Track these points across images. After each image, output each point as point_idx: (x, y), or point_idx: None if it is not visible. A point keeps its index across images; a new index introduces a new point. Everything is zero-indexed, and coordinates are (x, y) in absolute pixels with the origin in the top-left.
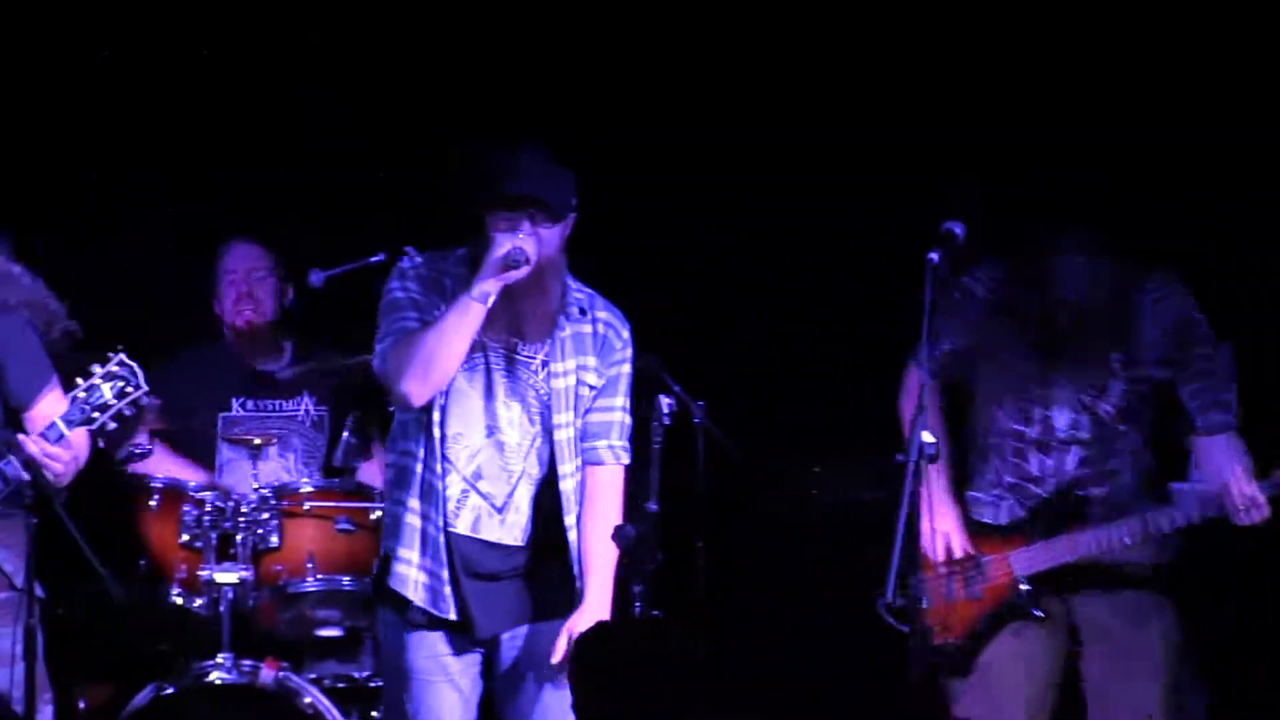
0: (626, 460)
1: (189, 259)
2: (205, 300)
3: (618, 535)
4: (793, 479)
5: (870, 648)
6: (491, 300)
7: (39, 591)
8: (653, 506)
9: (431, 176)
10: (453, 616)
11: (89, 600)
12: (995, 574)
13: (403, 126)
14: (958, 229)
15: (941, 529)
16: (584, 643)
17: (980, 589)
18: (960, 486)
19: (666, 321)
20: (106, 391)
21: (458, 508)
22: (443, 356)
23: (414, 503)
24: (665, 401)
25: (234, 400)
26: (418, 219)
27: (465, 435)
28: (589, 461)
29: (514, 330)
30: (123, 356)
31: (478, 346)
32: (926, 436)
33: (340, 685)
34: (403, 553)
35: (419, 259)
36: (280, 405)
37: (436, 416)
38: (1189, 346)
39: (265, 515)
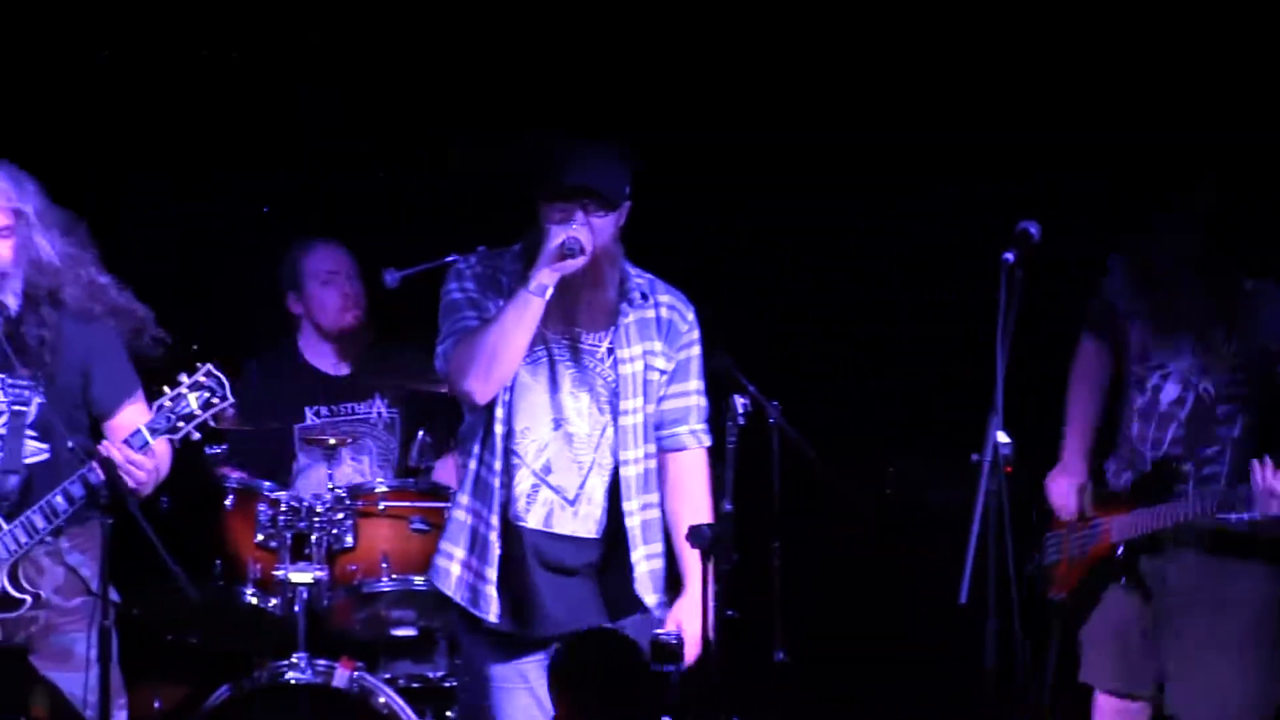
0: (708, 442)
1: (194, 259)
2: (206, 302)
3: (693, 535)
4: (867, 478)
5: (945, 646)
6: (549, 292)
7: (113, 595)
8: (728, 506)
9: (487, 175)
10: (492, 619)
11: (164, 601)
12: (1100, 537)
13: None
14: (1033, 228)
15: (1063, 489)
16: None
17: (1088, 549)
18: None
19: (740, 320)
20: (192, 401)
21: (529, 503)
22: (504, 352)
23: (464, 499)
24: (740, 401)
25: (308, 410)
26: (485, 219)
27: (532, 429)
28: (671, 449)
29: (574, 321)
30: (210, 367)
31: (539, 339)
32: (1001, 436)
33: (415, 685)
34: (446, 547)
35: (473, 259)
36: (353, 408)
37: (500, 413)
38: None
39: (340, 515)
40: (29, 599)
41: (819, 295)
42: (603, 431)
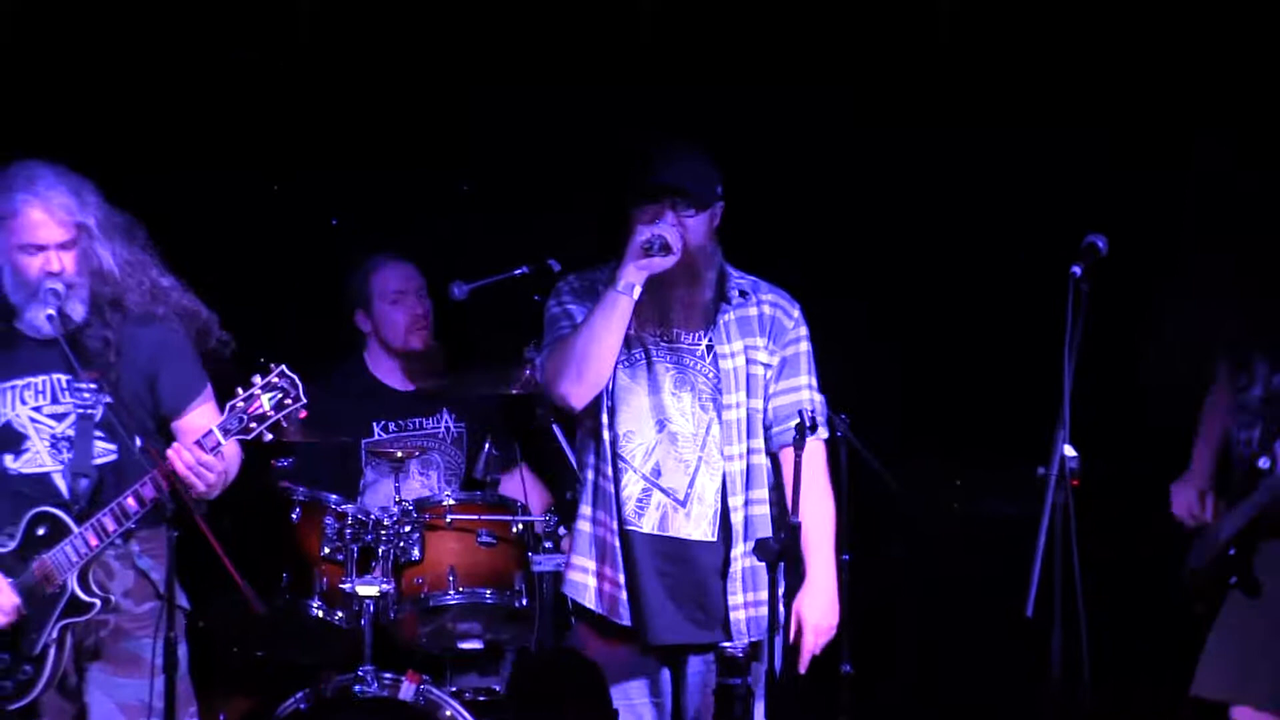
0: (824, 435)
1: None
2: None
3: (761, 549)
4: (934, 491)
5: (1012, 660)
6: (637, 291)
7: (184, 603)
8: (795, 520)
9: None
10: (627, 622)
11: (231, 613)
12: (1211, 539)
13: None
14: (1100, 242)
15: (1182, 494)
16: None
17: (1206, 558)
18: None
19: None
20: (265, 402)
21: (640, 507)
22: (594, 354)
23: (586, 509)
24: (805, 413)
25: (375, 425)
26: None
27: (637, 433)
28: (783, 445)
29: (669, 322)
30: (284, 368)
31: (636, 342)
32: (1068, 450)
33: (481, 698)
34: (578, 560)
35: (573, 276)
36: (421, 423)
37: (605, 419)
38: None
39: (407, 528)
40: (99, 602)
41: (886, 307)
42: (707, 429)
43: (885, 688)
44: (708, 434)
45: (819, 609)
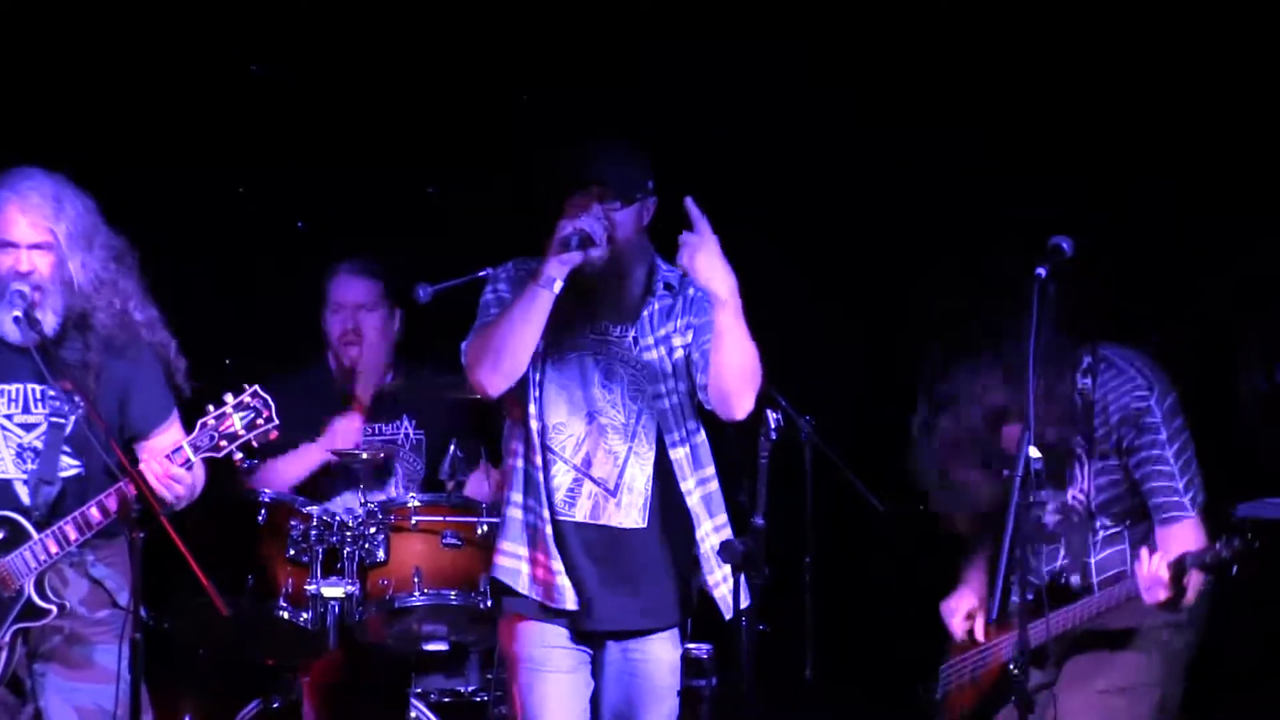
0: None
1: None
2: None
3: (725, 550)
4: (899, 493)
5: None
6: (559, 286)
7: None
8: (760, 522)
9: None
10: (571, 606)
11: (197, 614)
12: (992, 659)
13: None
14: (1065, 244)
15: (955, 610)
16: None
17: (979, 674)
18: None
19: (772, 336)
20: (237, 422)
21: (572, 497)
22: (512, 343)
23: (517, 496)
24: (772, 416)
25: None
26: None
27: (567, 425)
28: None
29: (598, 315)
30: (257, 388)
31: (566, 335)
32: (1033, 451)
33: (446, 699)
34: (509, 547)
35: (510, 266)
36: (380, 429)
37: (533, 410)
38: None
39: (372, 530)
40: (55, 609)
41: (849, 308)
42: (638, 419)
43: (849, 692)
44: (638, 424)
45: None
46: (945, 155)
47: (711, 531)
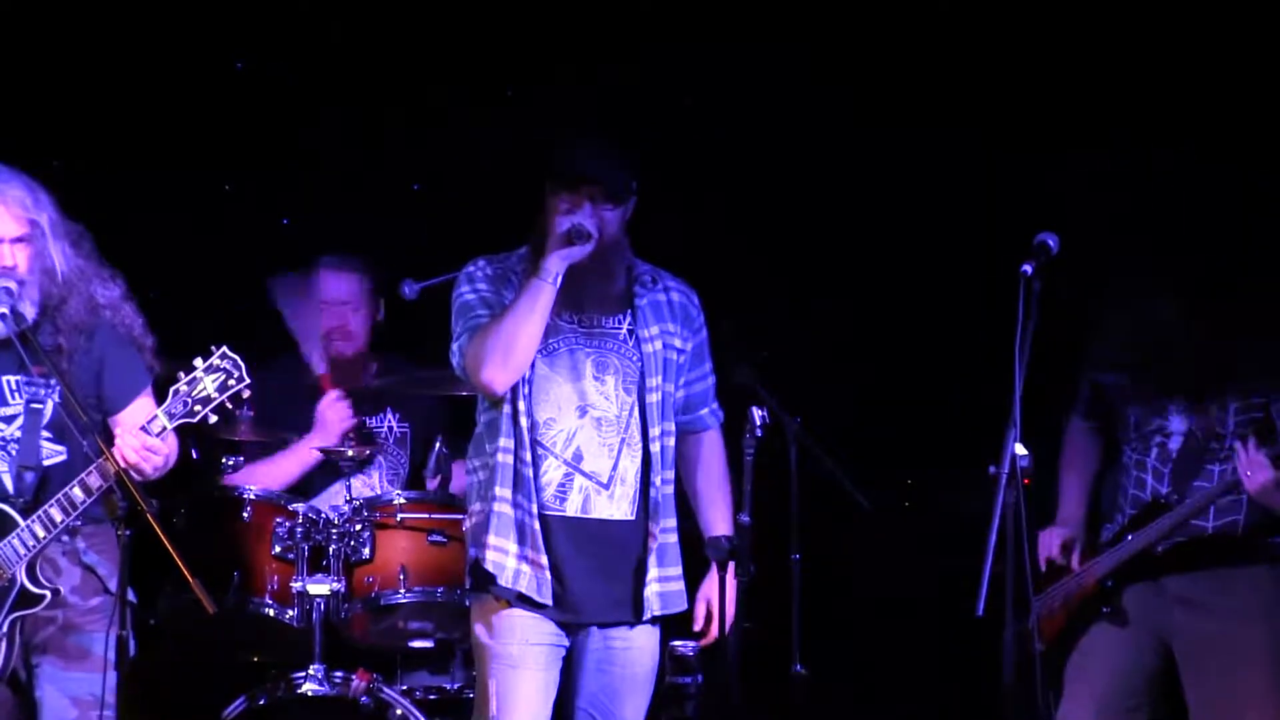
0: (722, 417)
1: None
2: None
3: (711, 547)
4: (885, 490)
5: (965, 660)
6: (558, 279)
7: (131, 596)
8: (745, 519)
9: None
10: (549, 601)
11: (182, 611)
12: (1084, 580)
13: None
14: (1051, 240)
15: (1053, 539)
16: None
17: (1071, 595)
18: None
19: (759, 331)
20: (209, 385)
21: (563, 491)
22: (520, 340)
23: (505, 492)
24: (758, 413)
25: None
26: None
27: (558, 419)
28: (695, 430)
29: (584, 309)
30: (226, 350)
31: (553, 330)
32: (1019, 449)
33: (432, 697)
34: (496, 541)
35: (482, 262)
36: (364, 422)
37: (522, 406)
38: None
39: (358, 527)
40: (48, 594)
41: (836, 304)
42: (630, 411)
43: (837, 689)
44: (631, 416)
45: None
46: (944, 156)
47: (661, 531)
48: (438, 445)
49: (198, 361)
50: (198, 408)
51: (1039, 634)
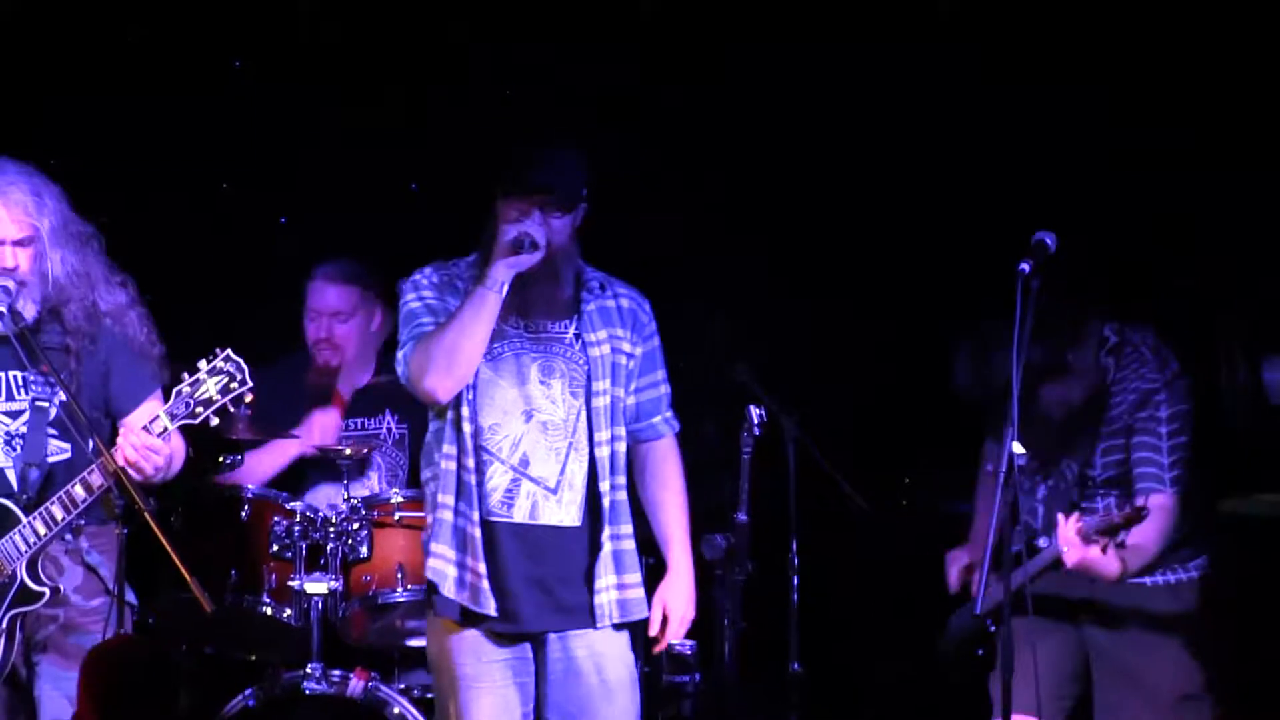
0: (678, 427)
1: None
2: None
3: (707, 546)
4: (883, 489)
5: (961, 658)
6: (505, 288)
7: (132, 599)
8: (742, 517)
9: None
10: (492, 612)
11: (180, 610)
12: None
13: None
14: (1049, 239)
15: (951, 562)
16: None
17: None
18: None
19: (757, 330)
20: (211, 387)
21: (510, 497)
22: (465, 348)
23: (448, 499)
24: (755, 412)
25: None
26: None
27: (503, 424)
28: (648, 438)
29: (531, 316)
30: (229, 352)
31: (499, 335)
32: (1017, 448)
33: (429, 696)
34: (438, 549)
35: (428, 269)
36: (363, 423)
37: (465, 412)
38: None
39: (355, 526)
40: (48, 591)
41: (835, 304)
42: (577, 415)
43: (835, 688)
44: (578, 420)
45: (682, 598)
46: (944, 157)
47: (609, 539)
48: None
49: (201, 363)
50: (199, 409)
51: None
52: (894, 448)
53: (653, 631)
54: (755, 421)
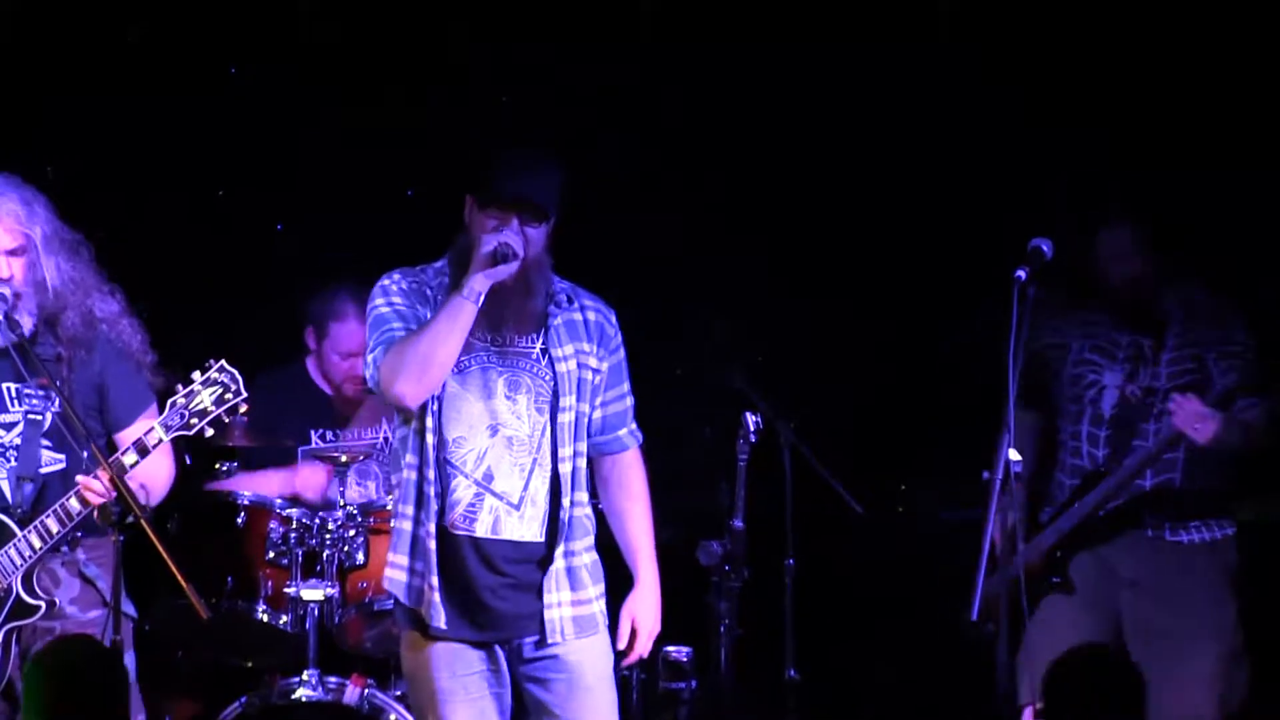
0: (641, 439)
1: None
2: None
3: (703, 552)
4: (879, 495)
5: (959, 664)
6: (481, 299)
7: (130, 610)
8: (738, 524)
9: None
10: (441, 624)
11: (177, 617)
12: (1028, 558)
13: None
14: (1045, 246)
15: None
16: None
17: (1014, 575)
18: None
19: (752, 337)
20: (206, 398)
21: (473, 511)
22: (437, 356)
23: (408, 509)
24: (751, 419)
25: (312, 432)
26: None
27: (468, 438)
28: (612, 451)
29: (500, 328)
30: (223, 363)
31: (466, 349)
32: (1013, 454)
33: None
34: (394, 558)
35: (397, 275)
36: (360, 432)
37: (430, 423)
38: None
39: (352, 532)
40: (43, 605)
41: (834, 305)
42: (542, 431)
43: (830, 694)
44: (543, 436)
45: (649, 611)
46: (943, 158)
47: (563, 555)
48: None
49: (195, 374)
50: (194, 420)
51: (990, 615)
52: (892, 450)
53: (620, 645)
54: (751, 428)
